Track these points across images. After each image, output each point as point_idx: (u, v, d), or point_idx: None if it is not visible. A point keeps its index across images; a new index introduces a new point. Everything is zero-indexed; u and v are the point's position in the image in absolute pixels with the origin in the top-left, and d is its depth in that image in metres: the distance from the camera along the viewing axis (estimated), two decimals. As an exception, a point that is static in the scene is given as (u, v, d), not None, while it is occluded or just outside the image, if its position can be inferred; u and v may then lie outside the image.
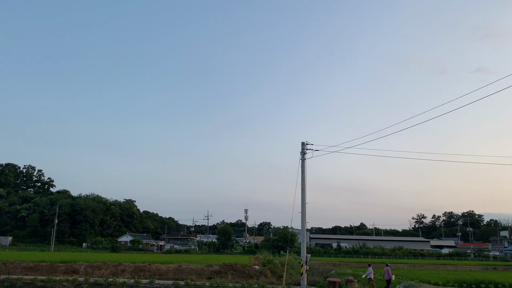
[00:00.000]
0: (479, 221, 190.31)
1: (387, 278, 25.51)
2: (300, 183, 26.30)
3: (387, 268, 25.79)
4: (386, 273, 25.69)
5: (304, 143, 26.76)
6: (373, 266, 54.79)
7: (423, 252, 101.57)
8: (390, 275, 25.54)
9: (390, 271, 25.83)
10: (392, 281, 26.10)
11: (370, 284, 26.09)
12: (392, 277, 25.73)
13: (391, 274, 25.68)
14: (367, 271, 26.85)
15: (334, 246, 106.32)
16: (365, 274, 27.28)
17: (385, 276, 25.63)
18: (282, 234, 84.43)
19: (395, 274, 37.10)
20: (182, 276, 29.24)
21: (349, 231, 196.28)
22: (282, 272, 30.43)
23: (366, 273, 26.97)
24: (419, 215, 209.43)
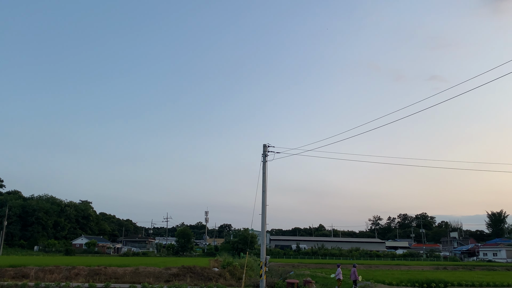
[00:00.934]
0: (431, 222, 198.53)
1: (354, 278, 26.04)
2: (261, 185, 26.45)
3: (354, 269, 26.33)
4: (353, 274, 26.22)
5: (266, 145, 26.94)
6: (334, 267, 55.99)
7: (378, 253, 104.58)
8: (356, 276, 26.08)
9: (357, 272, 26.39)
10: (358, 282, 26.76)
11: (338, 284, 26.63)
12: (358, 278, 26.30)
13: (357, 275, 26.23)
14: (336, 271, 27.37)
15: (294, 248, 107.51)
16: (334, 275, 27.73)
17: (352, 277, 26.18)
18: (243, 236, 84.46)
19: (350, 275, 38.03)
20: (140, 279, 28.60)
21: (308, 232, 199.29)
22: (241, 274, 30.43)
23: (335, 274, 27.46)
24: (375, 217, 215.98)
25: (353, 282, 26.29)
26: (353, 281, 26.21)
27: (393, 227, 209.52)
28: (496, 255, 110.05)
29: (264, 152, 26.69)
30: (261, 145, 27.02)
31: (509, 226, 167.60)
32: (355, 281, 26.09)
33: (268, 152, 26.73)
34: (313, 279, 29.74)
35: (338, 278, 26.78)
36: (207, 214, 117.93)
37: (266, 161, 26.54)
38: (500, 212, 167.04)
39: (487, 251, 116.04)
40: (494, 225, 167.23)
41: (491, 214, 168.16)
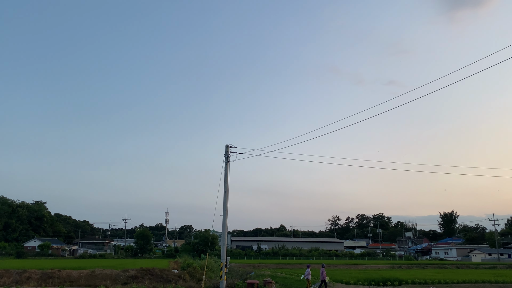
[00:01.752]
0: (388, 223, 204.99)
1: (322, 279, 26.54)
2: (223, 185, 26.36)
3: (323, 270, 26.85)
4: (322, 274, 26.69)
5: (228, 145, 26.89)
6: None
7: (337, 253, 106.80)
8: (324, 276, 26.55)
9: (325, 273, 26.86)
10: (327, 282, 27.26)
11: (308, 285, 27.04)
12: (326, 278, 26.75)
13: (325, 275, 26.70)
14: (306, 272, 27.69)
15: (255, 248, 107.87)
16: (303, 275, 28.03)
17: (321, 277, 26.66)
18: (203, 237, 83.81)
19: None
20: (96, 282, 27.75)
21: (269, 233, 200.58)
22: (201, 275, 30.17)
23: (304, 274, 27.78)
24: (335, 217, 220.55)
25: (321, 282, 26.82)
26: (322, 281, 26.75)
27: (351, 227, 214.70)
28: (447, 253, 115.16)
29: (227, 153, 26.64)
30: (224, 146, 26.96)
31: (460, 226, 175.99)
32: (323, 281, 26.62)
33: (230, 153, 26.70)
34: (273, 279, 29.94)
35: (307, 278, 27.22)
36: (167, 215, 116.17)
37: (228, 162, 26.49)
38: (452, 213, 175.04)
39: (439, 250, 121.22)
40: (446, 225, 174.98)
41: (443, 215, 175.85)
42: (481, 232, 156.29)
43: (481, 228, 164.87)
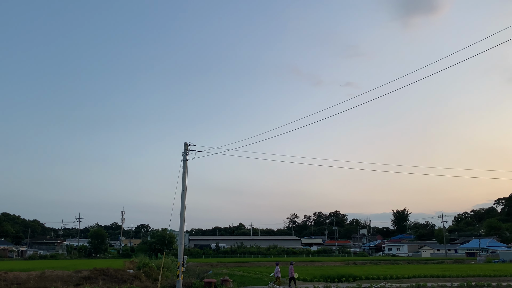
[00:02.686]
0: (343, 220, 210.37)
1: (290, 276, 26.95)
2: (181, 184, 26.04)
3: (291, 267, 27.29)
4: (290, 271, 27.12)
5: (187, 143, 26.56)
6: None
7: (295, 250, 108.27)
8: (292, 273, 26.95)
9: (294, 270, 27.30)
10: (296, 279, 27.73)
11: (277, 282, 27.25)
12: (295, 275, 27.14)
13: (293, 272, 27.11)
14: (275, 269, 27.93)
15: (213, 247, 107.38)
16: (273, 273, 28.23)
17: (289, 274, 27.10)
18: (160, 236, 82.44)
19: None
20: (46, 284, 26.61)
21: (228, 231, 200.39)
22: (158, 275, 29.65)
23: (274, 272, 27.99)
24: (293, 215, 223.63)
25: (289, 279, 27.22)
26: (290, 278, 27.14)
27: (309, 224, 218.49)
28: (399, 250, 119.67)
29: (185, 151, 26.31)
30: (182, 144, 26.62)
31: (411, 223, 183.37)
32: (292, 278, 26.99)
33: (189, 151, 26.39)
34: (231, 278, 29.93)
35: (276, 276, 27.49)
36: (123, 214, 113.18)
37: (186, 160, 26.18)
38: (404, 210, 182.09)
39: (391, 246, 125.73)
40: (398, 222, 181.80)
41: (396, 212, 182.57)
42: (430, 229, 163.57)
43: (430, 225, 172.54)
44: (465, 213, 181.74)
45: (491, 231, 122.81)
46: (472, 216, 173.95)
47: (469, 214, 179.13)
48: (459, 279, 32.11)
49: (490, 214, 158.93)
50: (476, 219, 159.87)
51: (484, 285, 26.64)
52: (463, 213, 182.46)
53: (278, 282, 27.21)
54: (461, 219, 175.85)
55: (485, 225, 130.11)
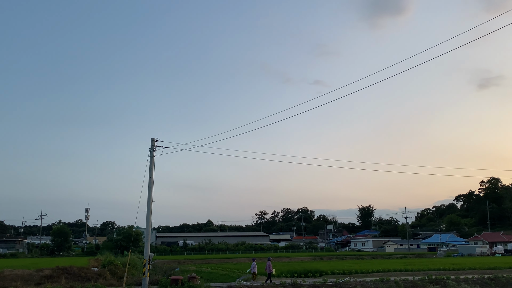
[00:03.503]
0: (311, 216, 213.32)
1: (268, 271, 27.16)
2: (148, 180, 25.63)
3: (269, 263, 27.42)
4: (268, 267, 27.29)
5: (154, 139, 26.14)
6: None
7: (263, 246, 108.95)
8: (270, 269, 27.18)
9: (271, 266, 27.51)
10: (273, 274, 27.93)
11: (254, 277, 27.33)
12: (272, 271, 27.38)
13: (271, 268, 27.34)
14: (251, 265, 28.07)
15: (181, 244, 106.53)
16: (249, 269, 28.38)
17: (267, 270, 27.31)
18: (127, 233, 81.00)
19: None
20: (5, 283, 25.63)
21: (196, 228, 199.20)
22: (123, 273, 29.14)
23: (251, 268, 28.14)
24: (261, 211, 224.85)
25: (267, 274, 27.45)
26: (268, 274, 27.37)
27: (277, 221, 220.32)
28: (364, 245, 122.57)
29: (152, 147, 25.89)
30: (149, 139, 26.18)
31: (376, 219, 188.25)
32: (269, 274, 27.24)
33: (156, 147, 25.98)
34: (198, 275, 29.76)
35: (253, 272, 27.55)
36: (88, 211, 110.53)
37: (153, 156, 25.78)
38: (369, 207, 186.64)
39: (357, 241, 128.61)
40: (363, 218, 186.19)
41: (361, 208, 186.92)
42: (394, 224, 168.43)
43: (394, 221, 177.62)
44: (427, 209, 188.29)
45: (451, 226, 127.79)
46: (433, 212, 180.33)
47: (431, 210, 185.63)
48: (421, 272, 33.21)
49: (450, 210, 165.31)
50: (437, 215, 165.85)
51: (444, 278, 27.66)
52: (425, 209, 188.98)
53: (254, 277, 27.42)
54: (423, 215, 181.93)
55: (446, 220, 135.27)
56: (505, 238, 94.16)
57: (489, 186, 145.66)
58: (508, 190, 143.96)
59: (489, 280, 27.78)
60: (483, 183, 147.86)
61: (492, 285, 26.56)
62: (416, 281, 26.65)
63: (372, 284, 25.56)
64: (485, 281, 27.31)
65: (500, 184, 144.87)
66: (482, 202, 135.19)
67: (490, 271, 34.13)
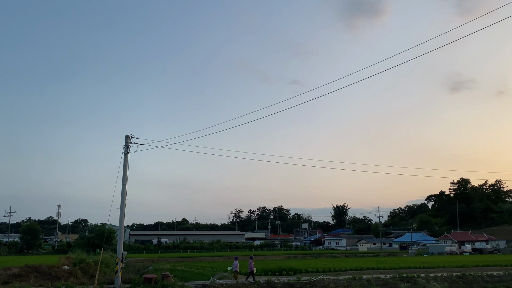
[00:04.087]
0: (286, 215, 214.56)
1: (250, 270, 27.39)
2: (122, 177, 25.24)
3: (251, 261, 27.69)
4: (250, 265, 27.50)
5: (129, 136, 25.78)
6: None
7: (238, 245, 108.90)
8: (252, 267, 27.39)
9: (253, 264, 27.73)
10: (255, 273, 28.03)
11: (235, 275, 27.38)
12: (254, 269, 27.60)
13: (253, 266, 27.57)
14: (233, 264, 28.00)
15: (155, 242, 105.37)
16: (231, 267, 28.32)
17: (249, 268, 27.55)
18: (100, 231, 79.55)
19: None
20: (-30, 283, 24.78)
21: (171, 226, 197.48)
22: (95, 271, 28.59)
23: (232, 266, 28.06)
24: (237, 209, 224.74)
25: (249, 273, 27.64)
26: (250, 272, 27.54)
27: (252, 219, 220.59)
28: (338, 243, 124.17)
29: (127, 143, 25.52)
30: (124, 136, 25.79)
31: (350, 217, 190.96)
32: (251, 272, 27.42)
33: (131, 144, 25.63)
34: (172, 273, 29.51)
35: (235, 270, 27.69)
36: (59, 208, 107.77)
37: (128, 153, 25.41)
38: (343, 206, 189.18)
39: (331, 240, 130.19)
40: (338, 217, 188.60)
41: (336, 207, 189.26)
42: (368, 223, 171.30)
43: (368, 220, 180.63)
44: (400, 208, 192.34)
45: (423, 225, 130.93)
46: (405, 211, 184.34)
47: (403, 209, 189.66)
48: (392, 271, 33.89)
49: (422, 210, 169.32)
50: (409, 214, 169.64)
51: (414, 276, 28.32)
52: (397, 208, 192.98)
53: (236, 275, 27.54)
54: (396, 214, 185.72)
55: (417, 220, 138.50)
56: (473, 237, 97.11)
57: (459, 186, 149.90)
58: (476, 191, 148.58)
59: (457, 278, 28.61)
60: (454, 184, 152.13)
61: (460, 283, 27.35)
62: (388, 279, 27.20)
63: (345, 282, 25.92)
64: (453, 279, 28.11)
65: (469, 185, 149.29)
66: (452, 202, 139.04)
67: (458, 269, 35.13)
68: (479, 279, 28.50)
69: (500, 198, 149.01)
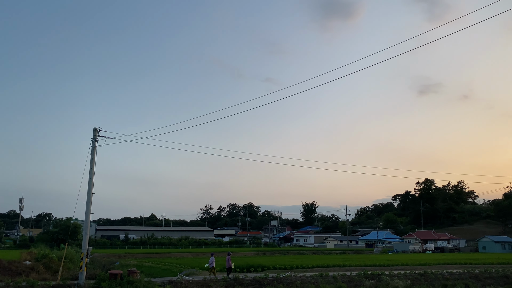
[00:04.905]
0: (256, 212, 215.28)
1: (228, 266, 27.68)
2: (89, 171, 24.67)
3: (228, 258, 27.95)
4: (227, 262, 27.79)
5: (97, 129, 25.20)
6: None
7: (207, 241, 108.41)
8: (230, 263, 27.72)
9: (231, 260, 28.07)
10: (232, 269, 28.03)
11: (212, 272, 27.35)
12: (232, 265, 27.95)
13: (231, 262, 27.91)
14: (210, 260, 28.04)
15: (122, 238, 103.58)
16: (208, 264, 28.27)
17: (227, 264, 27.86)
18: (64, 225, 77.60)
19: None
20: None
21: (139, 222, 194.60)
22: (59, 267, 27.88)
23: (209, 262, 28.03)
24: (207, 206, 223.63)
25: (227, 269, 27.81)
26: (227, 269, 27.72)
27: (222, 216, 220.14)
28: (306, 240, 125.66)
29: (94, 136, 24.94)
30: (92, 129, 25.19)
31: (318, 215, 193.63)
32: (229, 268, 27.65)
33: (99, 137, 25.06)
34: (139, 269, 29.13)
35: (211, 266, 27.70)
36: (22, 202, 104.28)
37: (95, 146, 24.84)
38: (312, 203, 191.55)
39: (299, 237, 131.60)
40: (307, 215, 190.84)
41: (305, 205, 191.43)
42: (335, 221, 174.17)
43: (336, 218, 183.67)
44: (367, 207, 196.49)
45: (388, 224, 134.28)
46: (372, 210, 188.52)
47: (370, 208, 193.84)
48: (358, 268, 34.64)
49: (388, 209, 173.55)
50: (376, 213, 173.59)
51: (379, 273, 29.03)
52: (365, 207, 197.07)
53: (213, 272, 27.54)
54: (363, 212, 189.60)
55: (383, 218, 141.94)
56: (436, 236, 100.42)
57: (424, 187, 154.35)
58: (440, 191, 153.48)
59: (419, 275, 29.54)
60: (419, 184, 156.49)
61: (421, 280, 28.25)
62: (353, 277, 27.77)
63: (311, 279, 26.29)
64: (416, 277, 29.00)
65: (433, 185, 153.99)
66: (417, 202, 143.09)
67: (421, 267, 36.27)
68: (439, 277, 29.52)
69: (462, 199, 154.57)
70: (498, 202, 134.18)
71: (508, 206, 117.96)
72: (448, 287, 27.09)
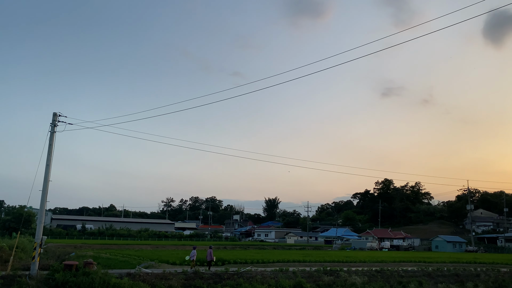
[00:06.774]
0: (219, 206, 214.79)
1: (209, 259, 27.71)
2: (46, 157, 23.63)
3: (210, 251, 27.79)
4: (209, 255, 27.71)
5: (57, 114, 24.17)
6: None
7: (167, 234, 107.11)
8: (212, 256, 27.72)
9: (212, 253, 28.01)
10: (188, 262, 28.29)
11: (192, 264, 27.38)
12: (213, 258, 28.11)
13: (212, 256, 27.93)
14: (191, 253, 28.00)
15: (79, 228, 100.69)
16: (189, 256, 28.16)
17: (208, 257, 27.81)
18: (17, 213, 74.45)
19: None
20: None
21: (97, 212, 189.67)
22: (9, 256, 26.62)
23: (190, 255, 27.95)
24: (169, 198, 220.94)
25: (207, 262, 27.83)
26: (208, 262, 27.75)
27: (184, 209, 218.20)
28: (267, 235, 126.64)
29: (54, 122, 23.91)
30: (51, 113, 24.13)
31: (280, 211, 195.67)
32: (210, 262, 27.69)
33: (58, 122, 24.04)
34: (96, 260, 28.27)
35: (192, 259, 27.69)
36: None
37: (54, 132, 23.83)
38: (275, 199, 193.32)
39: (260, 232, 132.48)
40: (269, 210, 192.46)
41: (267, 200, 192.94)
42: (296, 217, 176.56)
43: (297, 214, 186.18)
44: (327, 204, 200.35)
45: (347, 221, 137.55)
46: (332, 207, 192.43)
47: (330, 205, 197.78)
48: (317, 264, 35.14)
49: (347, 207, 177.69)
50: (336, 210, 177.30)
51: (337, 269, 29.58)
52: (325, 204, 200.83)
53: (193, 265, 27.42)
54: (323, 209, 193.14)
55: (343, 216, 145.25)
56: (392, 235, 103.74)
57: (383, 186, 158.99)
58: (398, 191, 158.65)
59: (376, 272, 30.34)
60: (378, 184, 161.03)
61: (378, 277, 29.02)
62: (313, 272, 28.15)
63: (272, 274, 26.43)
64: (373, 273, 29.77)
65: (392, 185, 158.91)
66: (376, 201, 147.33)
67: (378, 264, 37.26)
68: (395, 274, 30.44)
69: (418, 200, 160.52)
70: (452, 203, 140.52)
71: (461, 207, 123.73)
72: (403, 284, 27.99)
